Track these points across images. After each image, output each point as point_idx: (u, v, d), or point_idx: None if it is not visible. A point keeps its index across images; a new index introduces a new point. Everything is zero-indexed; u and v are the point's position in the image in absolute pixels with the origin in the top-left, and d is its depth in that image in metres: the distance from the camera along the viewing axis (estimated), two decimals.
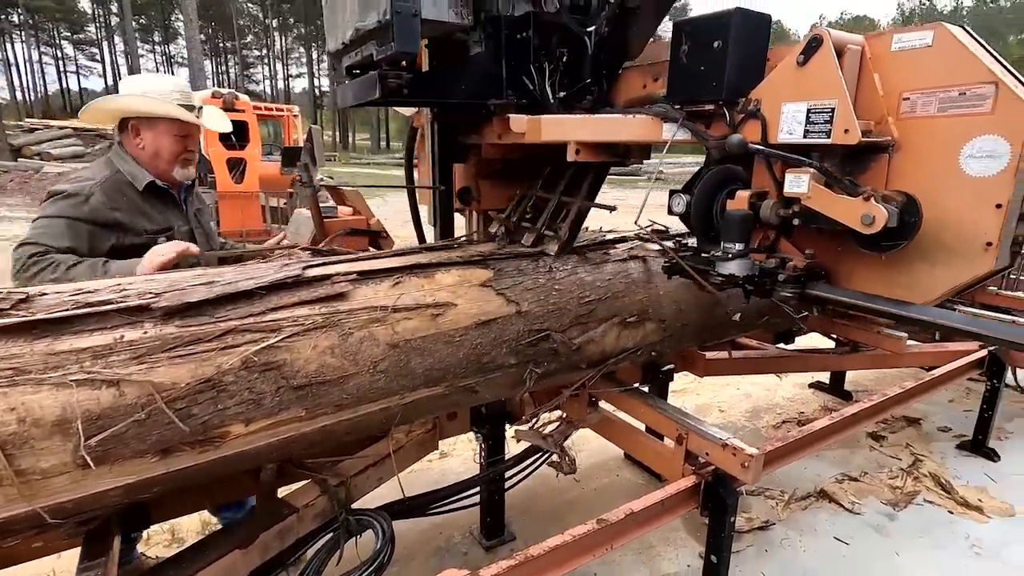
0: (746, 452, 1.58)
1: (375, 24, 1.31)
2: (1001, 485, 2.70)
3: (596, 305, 1.68)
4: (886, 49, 1.31)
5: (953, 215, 1.27)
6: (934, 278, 1.32)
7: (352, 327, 1.27)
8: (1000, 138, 1.19)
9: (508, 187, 1.97)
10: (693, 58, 1.48)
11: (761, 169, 1.49)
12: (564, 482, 2.64)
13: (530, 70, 1.56)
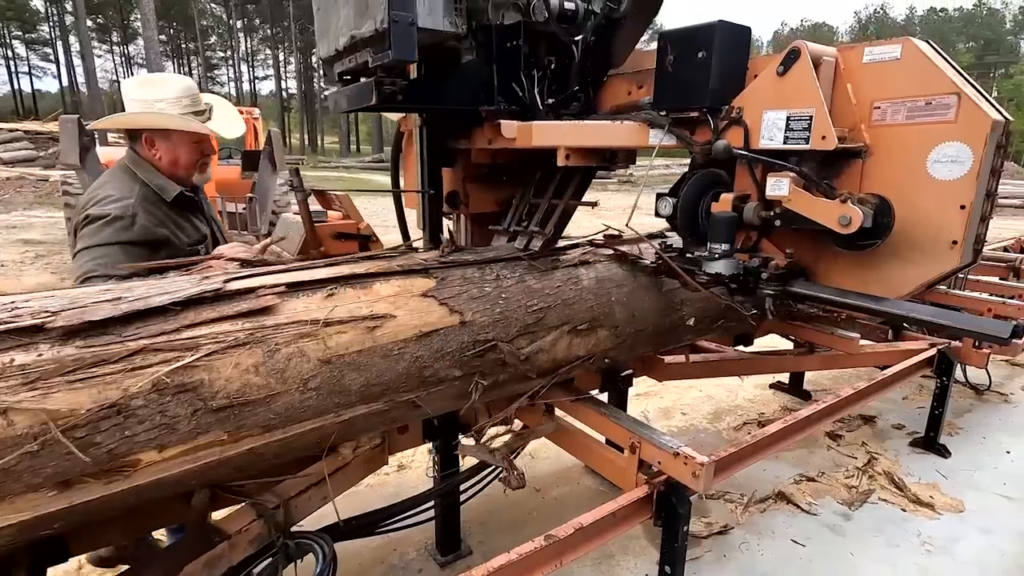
0: (697, 460, 1.56)
1: (371, 33, 1.34)
2: (952, 481, 2.76)
3: (545, 313, 1.64)
4: (858, 61, 1.40)
5: (922, 216, 1.36)
6: (906, 275, 1.43)
7: (279, 343, 1.20)
8: (963, 145, 1.29)
9: (495, 191, 2.01)
10: (678, 67, 1.55)
11: (743, 173, 1.57)
12: (523, 492, 2.59)
13: (520, 77, 1.61)
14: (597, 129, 1.59)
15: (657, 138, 1.60)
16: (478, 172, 1.98)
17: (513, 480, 1.54)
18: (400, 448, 2.02)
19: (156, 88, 1.70)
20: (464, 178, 1.96)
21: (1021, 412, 3.57)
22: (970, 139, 1.28)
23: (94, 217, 1.57)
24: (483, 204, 2.01)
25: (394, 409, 1.41)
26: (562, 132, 1.52)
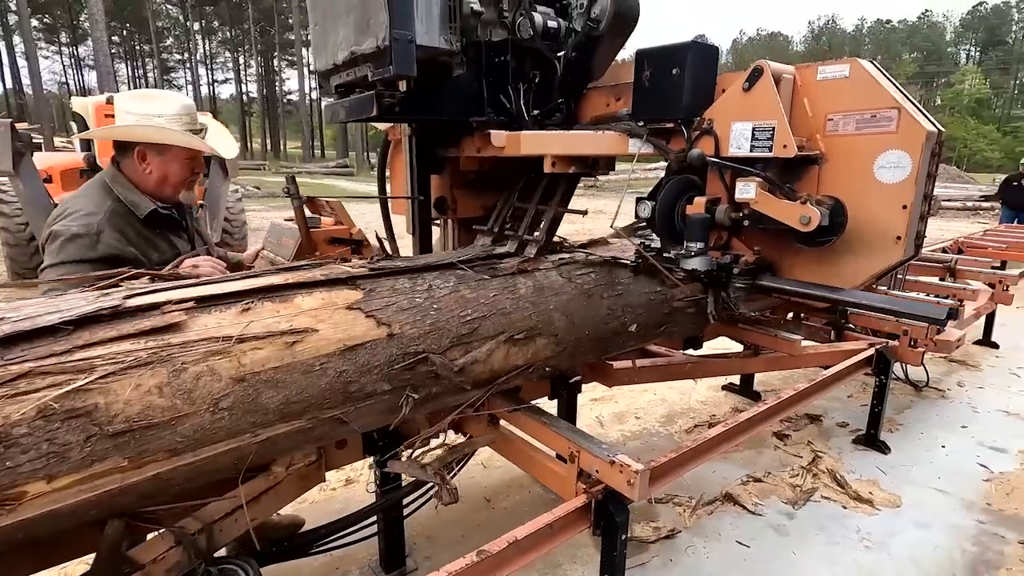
0: (632, 468, 1.55)
1: (373, 49, 1.44)
2: (890, 477, 2.85)
3: (480, 323, 1.61)
4: (813, 78, 1.58)
5: (871, 215, 1.53)
6: (858, 267, 1.60)
7: (187, 362, 1.14)
8: (903, 152, 1.46)
9: (481, 196, 2.11)
10: (655, 83, 1.70)
11: (714, 178, 1.73)
12: (474, 504, 2.56)
13: (508, 90, 1.71)
14: (581, 138, 1.73)
15: (636, 147, 1.74)
16: (465, 179, 2.07)
17: (445, 496, 1.50)
18: (339, 464, 1.96)
19: (155, 103, 1.67)
20: (451, 184, 2.05)
21: (956, 407, 3.73)
22: (909, 148, 1.45)
23: (56, 234, 1.52)
24: (470, 209, 2.12)
25: (319, 426, 1.37)
26: (548, 141, 1.64)
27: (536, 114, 1.78)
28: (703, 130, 1.68)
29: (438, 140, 1.91)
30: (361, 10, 1.45)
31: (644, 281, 2.16)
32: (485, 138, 1.67)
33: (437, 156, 1.93)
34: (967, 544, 2.37)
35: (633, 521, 2.42)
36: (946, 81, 52.48)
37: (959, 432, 3.37)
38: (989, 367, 4.50)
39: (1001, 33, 58.98)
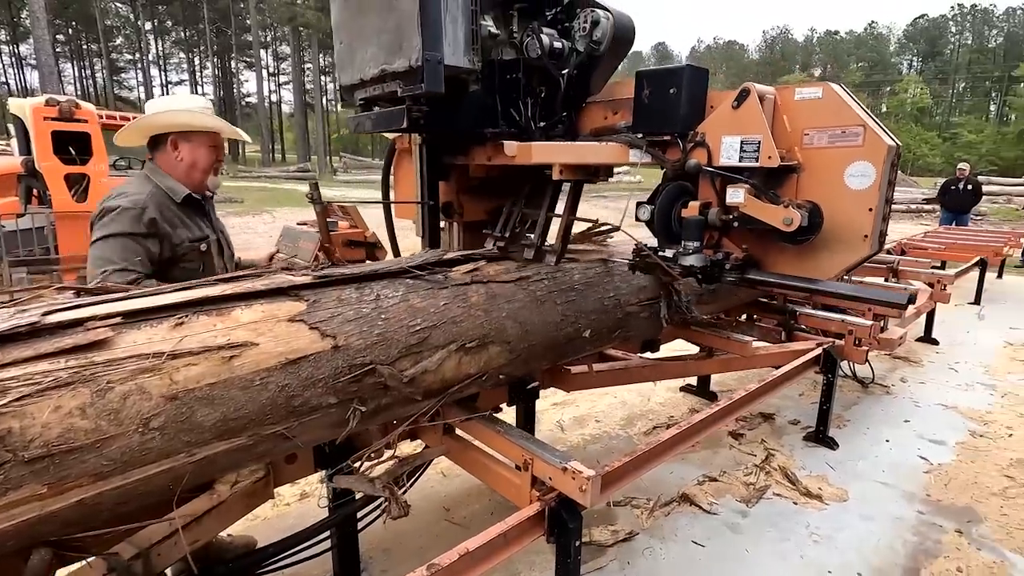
0: (584, 475, 1.56)
1: (405, 68, 1.60)
2: (838, 472, 2.96)
3: (430, 332, 1.60)
4: (791, 98, 1.79)
5: (842, 217, 1.74)
6: (832, 261, 1.81)
7: (113, 381, 1.08)
8: (868, 163, 1.67)
9: (485, 201, 2.27)
10: (653, 100, 1.88)
11: (706, 185, 1.91)
12: (432, 514, 2.53)
13: (518, 104, 1.89)
14: (586, 148, 1.92)
15: (636, 156, 1.93)
16: (470, 185, 2.22)
17: (395, 509, 1.48)
18: (289, 479, 1.90)
19: (182, 100, 1.97)
20: (458, 190, 2.20)
21: (899, 402, 3.90)
22: (873, 159, 1.67)
23: (107, 209, 1.74)
24: (475, 213, 2.27)
25: (260, 443, 1.32)
26: (557, 151, 1.81)
27: (542, 126, 1.97)
28: (696, 142, 1.86)
29: (447, 149, 2.06)
30: (394, 33, 1.63)
31: (597, 287, 2.18)
32: (497, 148, 1.82)
33: (444, 164, 2.09)
34: (908, 535, 2.47)
35: (591, 525, 2.44)
36: (891, 90, 55.13)
37: (902, 426, 3.52)
38: (929, 363, 4.73)
39: (940, 45, 62.35)
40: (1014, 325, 5.88)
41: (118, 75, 52.93)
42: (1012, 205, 17.45)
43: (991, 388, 4.20)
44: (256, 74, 40.16)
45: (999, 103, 53.71)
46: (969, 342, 5.31)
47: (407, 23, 1.57)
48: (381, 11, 1.66)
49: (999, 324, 5.91)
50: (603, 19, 1.90)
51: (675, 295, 2.39)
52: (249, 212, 15.46)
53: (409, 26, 1.57)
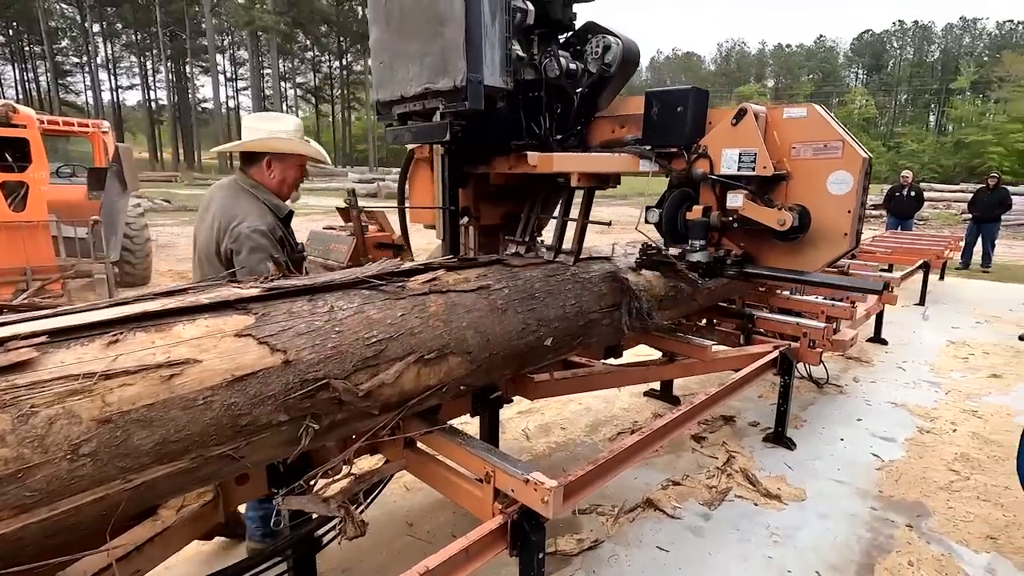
0: (546, 486, 1.54)
1: (449, 88, 1.80)
2: (796, 472, 3.03)
3: (387, 344, 1.55)
4: (780, 117, 2.07)
5: (826, 218, 2.01)
6: (817, 256, 2.08)
7: (37, 404, 1.01)
8: (847, 172, 1.96)
9: (500, 206, 2.48)
10: (662, 117, 2.14)
11: (707, 191, 2.17)
12: (394, 529, 2.47)
13: (538, 119, 2.11)
14: (601, 159, 2.18)
15: (646, 166, 2.18)
16: (487, 191, 2.41)
17: (350, 529, 1.42)
18: (240, 500, 1.83)
19: (276, 122, 2.14)
20: (476, 196, 2.39)
21: (853, 401, 4.03)
22: (851, 169, 1.95)
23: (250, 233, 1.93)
24: (491, 217, 2.48)
25: (205, 466, 1.25)
26: (575, 161, 2.05)
27: (559, 138, 2.19)
28: (700, 154, 2.12)
29: (469, 159, 2.23)
30: (439, 56, 1.82)
31: (559, 295, 2.18)
32: (519, 158, 2.03)
33: (464, 172, 2.26)
34: (862, 531, 2.54)
35: (557, 534, 2.42)
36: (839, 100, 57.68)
37: (855, 425, 3.64)
38: (880, 362, 4.92)
39: (884, 59, 65.62)
40: (955, 325, 6.18)
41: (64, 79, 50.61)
42: (951, 211, 18.42)
43: (936, 386, 4.39)
44: (212, 79, 39.09)
45: (938, 114, 56.84)
46: (915, 342, 5.55)
47: (452, 48, 1.78)
48: (426, 37, 1.85)
49: (942, 324, 6.20)
50: (614, 44, 2.15)
51: (635, 301, 2.40)
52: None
53: (454, 51, 1.77)
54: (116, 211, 5.82)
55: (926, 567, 2.31)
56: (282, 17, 36.84)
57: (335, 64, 52.21)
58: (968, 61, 54.67)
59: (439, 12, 1.80)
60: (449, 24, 1.78)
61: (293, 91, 55.17)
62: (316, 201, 22.68)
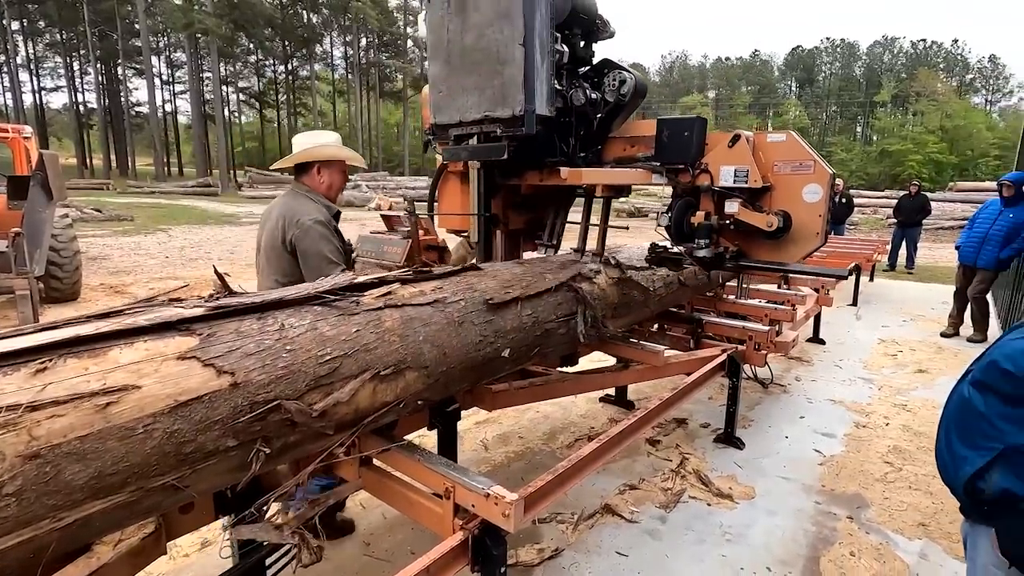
0: (506, 500, 1.53)
1: (508, 115, 2.25)
2: (746, 470, 3.14)
3: (341, 362, 1.51)
4: (765, 141, 2.55)
5: (802, 220, 2.48)
6: (796, 251, 2.54)
7: None
8: (817, 185, 2.44)
9: (524, 214, 2.93)
10: (671, 140, 2.58)
11: (707, 199, 2.61)
12: (350, 550, 2.40)
13: (567, 140, 2.57)
14: (621, 173, 2.65)
15: (657, 179, 2.65)
16: (515, 201, 2.85)
17: (305, 556, 1.37)
18: (185, 531, 1.73)
19: (320, 137, 2.49)
20: (504, 205, 2.81)
21: (795, 400, 4.22)
22: (820, 182, 2.44)
23: (315, 224, 2.24)
24: (517, 224, 2.92)
25: (146, 497, 1.18)
26: (600, 175, 2.53)
27: (582, 156, 2.65)
28: (702, 170, 2.56)
29: (503, 173, 2.66)
30: (499, 90, 2.25)
31: (515, 306, 2.18)
32: (550, 171, 2.49)
33: (496, 184, 2.70)
34: (808, 525, 2.66)
35: (518, 545, 2.41)
36: (775, 112, 60.71)
37: (798, 422, 3.81)
38: (819, 361, 5.18)
39: (814, 73, 69.59)
40: (885, 323, 6.59)
41: None
42: (878, 215, 19.66)
43: (869, 382, 4.66)
44: (147, 82, 37.22)
45: (864, 126, 60.72)
46: (850, 341, 5.88)
47: (512, 84, 2.22)
48: (487, 74, 2.29)
49: (873, 323, 6.60)
50: (629, 78, 2.61)
51: (589, 310, 2.44)
52: (140, 231, 14.21)
53: (514, 86, 2.22)
54: (41, 222, 5.44)
55: (866, 556, 2.44)
56: (223, 20, 35.52)
57: (280, 69, 50.76)
58: (889, 77, 58.77)
59: (500, 55, 2.23)
60: (509, 65, 2.22)
61: (236, 96, 53.22)
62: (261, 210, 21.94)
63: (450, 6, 2.39)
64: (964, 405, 1.34)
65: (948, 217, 17.89)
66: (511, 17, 2.20)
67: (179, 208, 20.92)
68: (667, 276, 3.22)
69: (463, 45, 2.35)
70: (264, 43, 45.29)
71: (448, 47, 2.41)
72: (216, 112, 37.22)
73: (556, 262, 2.60)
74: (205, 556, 2.33)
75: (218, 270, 1.52)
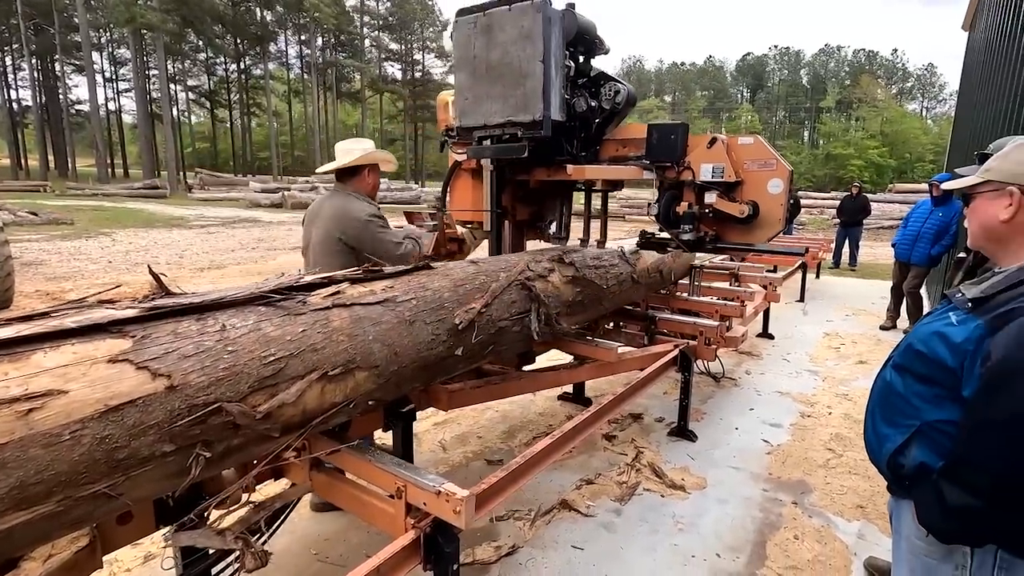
0: (457, 496, 1.54)
1: (529, 120, 2.71)
2: (698, 462, 3.23)
3: (287, 362, 1.49)
4: (736, 143, 3.06)
5: (768, 209, 3.00)
6: (762, 234, 3.07)
7: None
8: (779, 179, 2.95)
9: (529, 206, 3.44)
10: (659, 142, 3.08)
11: (690, 192, 3.15)
12: (303, 557, 2.35)
13: (572, 141, 3.04)
14: (617, 169, 3.22)
15: (648, 175, 3.19)
16: (519, 195, 3.33)
17: (249, 562, 1.34)
18: (123, 543, 1.66)
19: (363, 144, 2.72)
20: (512, 199, 3.29)
21: (745, 393, 4.37)
22: (782, 177, 2.97)
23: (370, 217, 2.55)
24: (523, 215, 3.41)
25: (75, 507, 1.14)
26: (601, 171, 3.18)
27: (582, 155, 3.11)
28: (686, 167, 3.08)
29: (513, 169, 3.13)
30: (521, 99, 2.71)
31: (469, 304, 2.19)
32: (557, 168, 2.97)
33: (505, 180, 3.17)
34: (756, 512, 2.76)
35: (475, 544, 2.42)
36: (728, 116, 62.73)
37: (748, 414, 3.95)
38: (768, 355, 5.38)
39: (764, 79, 72.25)
40: (829, 318, 6.90)
41: None
42: (824, 216, 20.55)
43: (815, 374, 4.87)
44: (88, 79, 35.40)
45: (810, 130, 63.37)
46: (797, 335, 6.13)
47: (533, 94, 2.68)
48: (511, 84, 2.74)
49: (819, 318, 6.90)
50: (622, 89, 3.05)
51: (543, 308, 2.47)
52: (82, 235, 13.52)
53: (535, 96, 2.68)
54: None
55: (808, 539, 2.55)
56: (169, 16, 34.13)
57: (232, 67, 49.16)
58: (833, 83, 61.55)
59: (522, 69, 2.69)
60: (530, 78, 2.68)
61: (185, 94, 51.27)
62: (213, 212, 21.22)
63: (476, 26, 2.83)
64: (886, 388, 1.42)
65: (888, 217, 18.85)
66: (532, 38, 2.66)
67: (124, 211, 20.00)
68: (620, 274, 3.29)
69: (488, 60, 2.79)
70: (214, 40, 43.75)
71: (474, 61, 2.84)
72: (164, 111, 35.75)
73: (510, 260, 2.62)
74: (148, 570, 2.24)
75: (153, 270, 1.46)
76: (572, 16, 2.85)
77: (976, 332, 1.17)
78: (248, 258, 10.90)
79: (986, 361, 1.13)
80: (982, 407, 1.14)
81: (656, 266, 3.73)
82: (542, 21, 2.65)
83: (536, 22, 2.65)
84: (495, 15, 2.78)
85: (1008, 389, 1.09)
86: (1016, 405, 1.08)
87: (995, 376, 1.11)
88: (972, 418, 1.17)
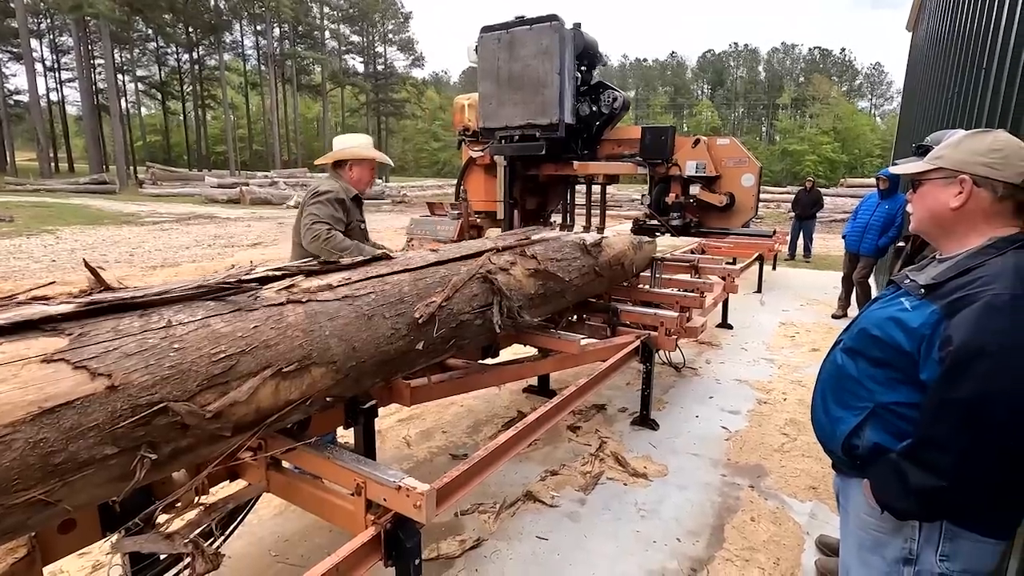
0: (418, 491, 1.53)
1: (547, 123, 3.49)
2: (660, 450, 3.30)
3: (238, 359, 1.44)
4: (715, 143, 3.69)
5: (742, 199, 3.67)
6: (737, 220, 3.74)
7: None
8: (751, 174, 3.65)
9: (537, 197, 4.15)
10: (652, 142, 3.68)
11: (677, 185, 3.76)
12: (263, 559, 2.30)
13: (578, 141, 3.78)
14: (616, 166, 3.81)
15: (642, 170, 3.75)
16: (527, 186, 4.01)
17: (200, 565, 1.30)
18: (66, 552, 1.60)
19: (357, 139, 2.97)
20: (521, 190, 3.94)
21: (705, 382, 4.49)
22: (753, 172, 3.62)
23: (320, 191, 2.70)
24: (531, 205, 4.09)
25: (7, 515, 1.08)
26: (602, 167, 3.81)
27: (585, 153, 3.79)
28: (674, 163, 3.68)
29: (525, 165, 3.84)
30: (540, 105, 3.43)
31: (429, 298, 2.17)
32: (564, 164, 3.77)
33: (517, 174, 3.84)
34: (715, 496, 2.84)
35: (440, 539, 2.41)
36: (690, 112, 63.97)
37: (707, 402, 4.05)
38: (727, 345, 5.52)
39: (723, 76, 73.91)
40: (785, 308, 7.13)
41: None
42: (780, 210, 21.21)
43: (771, 362, 5.03)
44: (27, 68, 33.44)
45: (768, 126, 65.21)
46: (755, 325, 6.31)
47: (550, 101, 3.39)
48: (531, 93, 3.43)
49: (775, 308, 7.13)
50: (619, 96, 3.70)
51: (505, 301, 2.47)
52: (22, 233, 12.81)
53: (552, 102, 3.39)
54: None
55: (764, 520, 2.64)
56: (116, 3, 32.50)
57: (184, 57, 47.27)
58: (789, 81, 63.45)
59: (541, 80, 3.36)
60: (548, 87, 3.35)
61: (134, 85, 48.97)
62: (166, 209, 20.41)
63: (500, 42, 3.46)
64: (837, 371, 1.46)
65: (840, 210, 19.59)
66: (550, 54, 3.32)
67: (69, 207, 19.03)
68: (583, 267, 3.31)
69: (510, 71, 3.43)
70: (164, 28, 41.94)
71: (498, 72, 3.49)
72: (111, 103, 34.05)
73: (471, 250, 2.60)
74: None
75: (89, 263, 1.39)
76: (580, 35, 3.47)
77: (932, 317, 1.21)
78: (204, 255, 10.54)
79: (946, 345, 1.16)
80: (944, 389, 1.16)
81: (618, 258, 3.78)
82: (559, 40, 3.29)
83: (554, 40, 3.29)
84: (517, 33, 3.40)
85: (969, 372, 1.12)
86: (976, 386, 1.12)
87: (956, 360, 1.14)
88: (934, 400, 1.19)
